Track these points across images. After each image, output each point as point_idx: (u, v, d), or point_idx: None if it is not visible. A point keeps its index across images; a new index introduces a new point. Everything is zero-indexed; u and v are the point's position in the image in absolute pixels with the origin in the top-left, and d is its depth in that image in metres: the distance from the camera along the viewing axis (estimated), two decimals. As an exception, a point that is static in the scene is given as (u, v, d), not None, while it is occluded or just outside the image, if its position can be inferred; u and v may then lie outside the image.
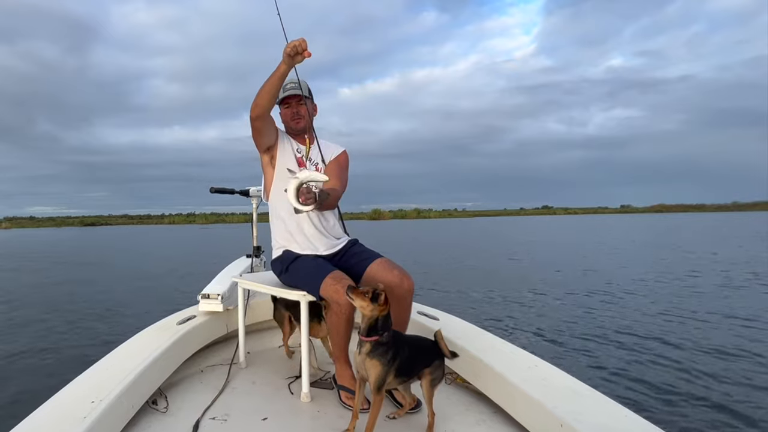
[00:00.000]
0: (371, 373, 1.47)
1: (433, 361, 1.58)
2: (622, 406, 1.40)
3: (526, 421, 1.52)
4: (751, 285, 7.81)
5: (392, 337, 1.50)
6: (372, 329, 1.48)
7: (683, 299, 6.68)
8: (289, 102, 2.06)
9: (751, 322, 5.32)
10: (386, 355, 1.47)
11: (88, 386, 1.52)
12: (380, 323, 1.48)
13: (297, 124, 2.06)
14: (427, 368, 1.57)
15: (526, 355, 1.81)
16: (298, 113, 2.05)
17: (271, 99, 1.75)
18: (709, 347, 4.36)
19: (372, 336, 1.48)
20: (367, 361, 1.48)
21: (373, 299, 1.46)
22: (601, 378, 3.64)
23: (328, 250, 2.02)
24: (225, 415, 1.71)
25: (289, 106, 2.07)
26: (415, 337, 1.66)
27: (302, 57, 1.62)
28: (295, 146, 2.07)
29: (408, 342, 1.58)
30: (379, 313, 1.47)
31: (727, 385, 3.44)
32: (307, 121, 2.08)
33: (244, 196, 2.82)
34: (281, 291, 1.94)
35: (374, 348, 1.48)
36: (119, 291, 8.62)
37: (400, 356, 1.50)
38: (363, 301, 1.47)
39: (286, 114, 2.08)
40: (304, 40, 1.59)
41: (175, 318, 2.25)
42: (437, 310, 2.38)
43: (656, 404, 3.13)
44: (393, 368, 1.48)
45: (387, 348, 1.48)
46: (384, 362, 1.47)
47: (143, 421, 1.66)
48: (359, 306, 1.48)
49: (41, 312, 6.72)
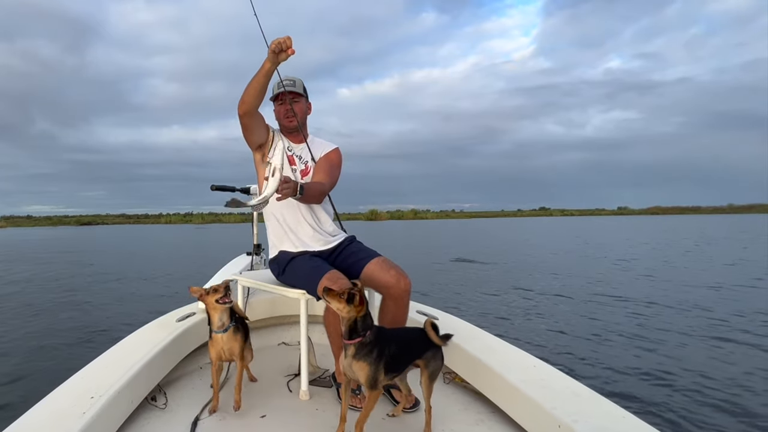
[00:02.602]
0: (360, 375, 1.45)
1: (425, 351, 1.55)
2: (620, 407, 1.40)
3: (524, 422, 1.52)
4: (750, 286, 7.87)
5: (376, 335, 1.47)
6: (353, 331, 1.45)
7: (683, 300, 6.71)
8: (282, 99, 2.04)
9: (750, 322, 5.35)
10: (372, 354, 1.44)
11: (87, 382, 1.52)
12: (360, 324, 1.44)
13: (289, 122, 2.04)
14: (421, 360, 1.54)
15: (525, 356, 1.81)
16: (291, 111, 2.02)
17: (257, 96, 1.74)
18: (710, 349, 4.36)
19: (354, 338, 1.45)
20: (354, 363, 1.45)
21: (348, 300, 1.42)
22: (600, 379, 3.64)
23: (322, 247, 2.01)
24: (224, 412, 1.71)
25: (282, 103, 2.04)
26: (401, 330, 1.62)
27: (287, 54, 1.60)
28: (286, 144, 2.06)
29: (394, 336, 1.54)
30: (357, 314, 1.43)
31: (728, 387, 3.44)
32: (300, 120, 2.06)
33: (245, 194, 2.83)
34: (281, 289, 1.94)
35: (358, 350, 1.45)
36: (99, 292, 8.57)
37: (387, 352, 1.47)
38: (339, 302, 1.43)
39: (279, 111, 2.06)
40: (289, 37, 1.58)
41: (174, 315, 2.25)
42: (437, 310, 2.39)
43: (655, 406, 3.13)
44: (381, 366, 1.45)
45: (372, 347, 1.45)
46: (371, 362, 1.44)
47: (142, 417, 1.66)
48: (335, 308, 1.44)
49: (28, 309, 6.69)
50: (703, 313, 5.93)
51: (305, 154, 2.08)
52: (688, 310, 6.11)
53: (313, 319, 2.42)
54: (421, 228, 42.10)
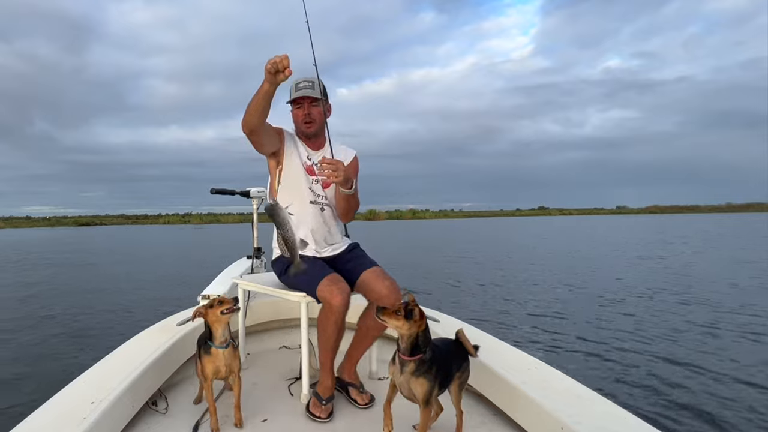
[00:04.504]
0: (419, 391, 1.41)
1: (462, 363, 1.54)
2: (623, 409, 1.40)
3: (526, 423, 1.53)
4: (748, 287, 7.88)
5: (432, 351, 1.42)
6: (414, 347, 1.39)
7: (684, 302, 6.70)
8: (301, 102, 1.93)
9: (749, 324, 5.35)
10: (431, 371, 1.40)
11: (88, 387, 1.52)
12: (421, 339, 1.39)
13: (308, 128, 1.94)
14: (459, 371, 1.53)
15: (526, 357, 1.82)
16: (310, 116, 1.92)
17: (259, 117, 1.64)
18: (712, 351, 4.35)
19: (416, 354, 1.40)
20: (413, 380, 1.41)
21: (407, 317, 1.37)
22: (603, 381, 3.63)
23: (327, 253, 2.00)
24: (225, 416, 1.71)
25: (300, 107, 1.94)
26: (442, 344, 1.57)
27: (284, 75, 1.48)
28: (304, 153, 1.97)
29: (442, 350, 1.50)
30: (418, 328, 1.39)
31: (729, 390, 3.42)
32: (319, 125, 1.96)
33: (245, 197, 2.81)
34: (281, 292, 1.94)
35: (419, 366, 1.40)
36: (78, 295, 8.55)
37: (442, 369, 1.44)
38: (397, 320, 1.38)
39: (297, 115, 1.96)
40: (287, 56, 1.47)
41: (175, 319, 2.25)
42: (438, 312, 2.38)
43: (658, 408, 3.12)
44: (437, 382, 1.42)
45: (431, 363, 1.41)
46: (430, 379, 1.40)
47: (143, 421, 1.66)
48: (394, 326, 1.38)
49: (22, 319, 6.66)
50: (706, 309, 5.94)
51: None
52: (690, 308, 6.12)
53: (314, 323, 2.41)
54: (420, 228, 42.06)
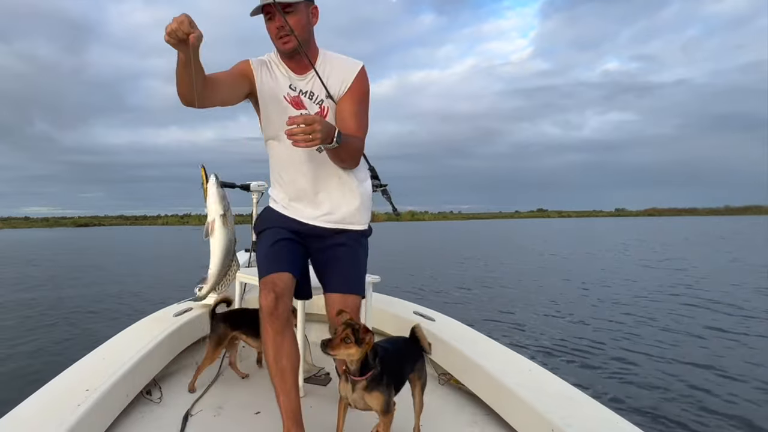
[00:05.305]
0: (375, 405, 1.35)
1: (416, 362, 1.48)
2: (615, 413, 1.40)
3: (517, 424, 1.52)
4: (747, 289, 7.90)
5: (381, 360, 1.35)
6: (364, 366, 1.31)
7: (680, 306, 6.66)
8: (270, 12, 1.44)
9: (748, 325, 5.34)
10: (383, 382, 1.34)
11: (83, 374, 1.53)
12: (370, 356, 1.31)
13: (284, 45, 1.46)
14: (413, 373, 1.47)
15: (520, 359, 1.81)
16: (284, 28, 1.43)
17: (188, 85, 1.25)
18: (707, 357, 4.29)
19: (366, 371, 1.32)
20: (367, 396, 1.33)
21: (357, 342, 1.25)
22: (596, 385, 3.59)
23: (309, 220, 1.56)
24: (218, 407, 1.72)
25: (271, 19, 1.45)
26: (392, 344, 1.49)
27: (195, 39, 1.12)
28: (285, 82, 1.52)
29: (391, 353, 1.42)
30: (369, 348, 1.30)
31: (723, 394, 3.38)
32: (302, 38, 1.45)
33: (245, 190, 2.82)
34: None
35: (370, 383, 1.33)
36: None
37: (393, 374, 1.38)
38: (348, 349, 1.26)
39: (271, 30, 1.47)
40: (185, 17, 1.11)
41: (171, 310, 2.25)
42: (434, 311, 2.37)
43: (651, 413, 3.09)
44: (392, 389, 1.37)
45: (381, 374, 1.34)
46: (384, 390, 1.34)
47: (137, 410, 1.67)
48: (346, 356, 1.27)
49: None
50: (702, 312, 5.95)
51: (317, 89, 1.50)
52: (684, 311, 6.13)
53: (309, 317, 2.42)
54: (420, 229, 42.07)
